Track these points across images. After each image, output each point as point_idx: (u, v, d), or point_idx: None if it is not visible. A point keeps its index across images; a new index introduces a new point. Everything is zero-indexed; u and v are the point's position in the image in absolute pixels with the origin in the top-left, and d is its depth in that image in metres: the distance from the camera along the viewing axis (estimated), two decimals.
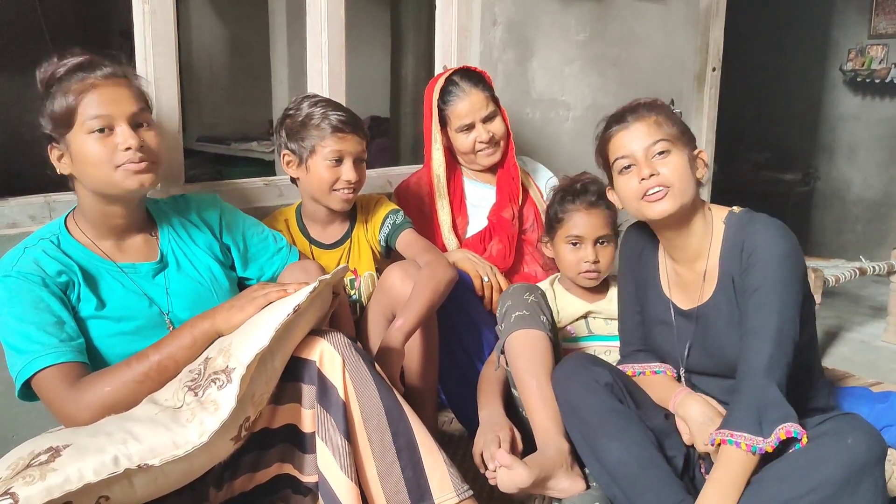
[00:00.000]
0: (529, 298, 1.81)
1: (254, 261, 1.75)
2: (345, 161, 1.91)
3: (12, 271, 1.40)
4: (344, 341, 1.41)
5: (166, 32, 1.93)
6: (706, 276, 1.64)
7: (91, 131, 1.43)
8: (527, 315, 1.77)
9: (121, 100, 1.45)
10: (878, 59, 4.98)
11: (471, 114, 2.19)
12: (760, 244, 1.54)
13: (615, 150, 1.63)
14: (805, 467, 1.37)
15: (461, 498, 1.42)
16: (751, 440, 1.41)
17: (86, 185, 1.48)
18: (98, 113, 1.42)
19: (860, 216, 5.24)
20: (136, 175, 1.45)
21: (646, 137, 1.59)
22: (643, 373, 1.75)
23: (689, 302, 1.69)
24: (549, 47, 2.84)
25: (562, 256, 2.03)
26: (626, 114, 1.64)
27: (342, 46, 2.31)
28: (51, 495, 1.10)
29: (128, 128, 1.44)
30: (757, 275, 1.52)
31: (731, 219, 1.64)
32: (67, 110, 1.42)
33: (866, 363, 3.07)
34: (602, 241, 1.99)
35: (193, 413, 1.24)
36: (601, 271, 2.00)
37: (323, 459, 1.38)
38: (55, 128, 1.45)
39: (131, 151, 1.44)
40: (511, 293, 1.85)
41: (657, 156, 1.58)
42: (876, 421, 1.97)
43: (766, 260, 1.52)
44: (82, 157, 1.44)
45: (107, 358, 1.44)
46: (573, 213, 1.99)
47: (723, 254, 1.61)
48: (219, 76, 5.07)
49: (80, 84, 1.43)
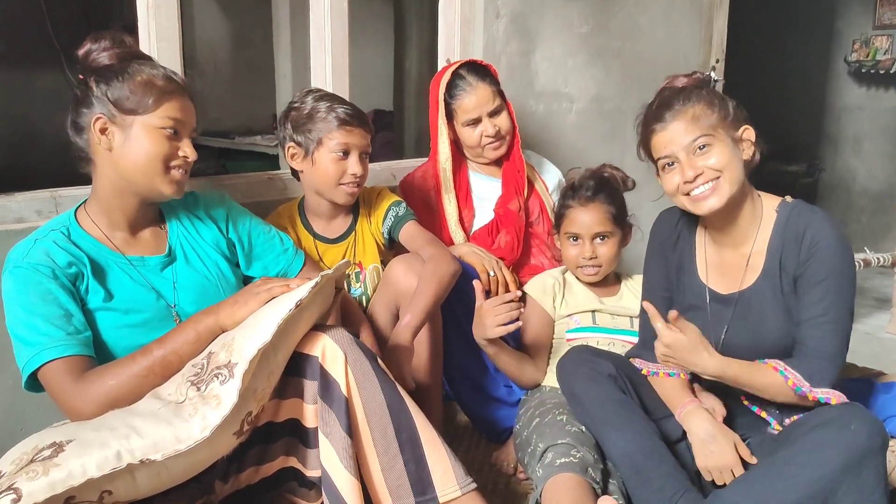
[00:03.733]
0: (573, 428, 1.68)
1: (258, 259, 1.76)
2: (351, 154, 1.91)
3: (23, 262, 1.41)
4: (346, 337, 1.42)
5: (170, 27, 1.93)
6: (750, 261, 1.66)
7: (164, 127, 1.48)
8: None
9: (191, 114, 1.55)
10: (883, 50, 4.96)
11: (477, 108, 2.18)
12: (825, 237, 1.57)
13: (657, 150, 1.64)
14: (809, 452, 1.40)
15: (464, 491, 1.42)
16: (799, 380, 1.49)
17: (118, 171, 1.49)
18: (178, 117, 1.50)
19: (865, 207, 5.23)
20: (177, 184, 1.53)
21: (685, 135, 1.58)
22: (657, 373, 1.73)
23: (728, 287, 1.69)
24: (553, 39, 2.83)
25: (564, 251, 2.05)
26: (663, 111, 1.62)
27: (345, 40, 2.31)
28: (54, 490, 1.11)
29: (189, 140, 1.53)
30: (822, 266, 1.56)
31: (785, 207, 1.65)
32: (148, 98, 1.46)
33: (871, 354, 3.06)
34: (601, 236, 1.99)
35: (196, 408, 1.24)
36: (601, 266, 2.00)
37: (325, 454, 1.38)
38: (121, 104, 1.46)
39: (185, 162, 1.52)
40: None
41: (699, 151, 1.58)
42: (880, 411, 1.97)
43: (833, 252, 1.56)
44: (140, 145, 1.47)
45: (114, 350, 1.45)
46: (570, 210, 2.01)
47: (773, 240, 1.63)
48: (222, 71, 5.07)
49: (167, 83, 1.50)
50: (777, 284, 1.62)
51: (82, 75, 1.51)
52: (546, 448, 1.62)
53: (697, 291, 1.73)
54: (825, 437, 1.40)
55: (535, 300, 2.04)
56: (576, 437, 1.64)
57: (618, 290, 2.09)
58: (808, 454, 1.40)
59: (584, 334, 1.99)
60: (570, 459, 1.56)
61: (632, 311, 2.02)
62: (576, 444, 1.61)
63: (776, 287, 1.62)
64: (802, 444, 1.43)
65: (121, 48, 1.51)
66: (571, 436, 1.64)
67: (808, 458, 1.40)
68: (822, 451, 1.38)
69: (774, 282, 1.62)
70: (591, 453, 1.60)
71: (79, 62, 1.51)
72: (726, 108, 1.62)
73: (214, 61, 5.07)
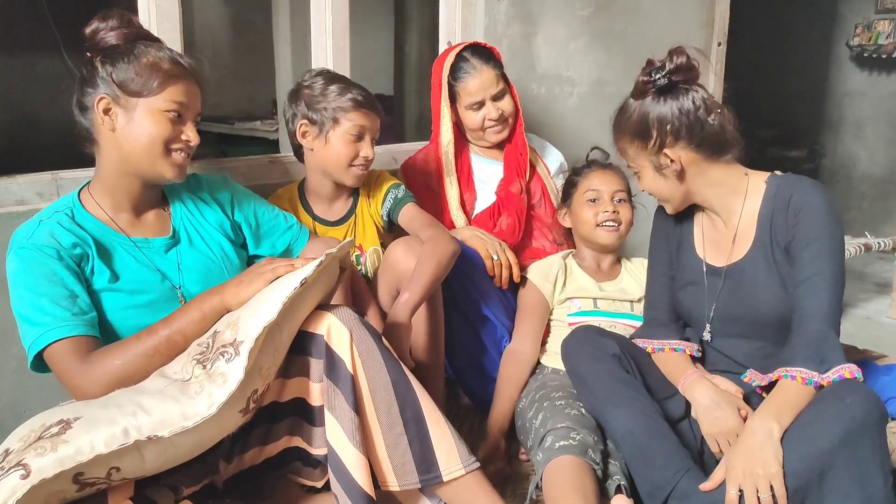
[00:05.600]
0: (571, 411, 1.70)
1: (266, 238, 1.76)
2: (365, 137, 1.92)
3: (27, 243, 1.41)
4: (351, 315, 1.42)
5: (170, 10, 1.93)
6: (740, 232, 1.68)
7: (168, 111, 1.47)
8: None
9: (196, 98, 1.54)
10: (885, 34, 4.94)
11: (481, 91, 2.18)
12: (811, 201, 1.58)
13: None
14: (806, 427, 1.41)
15: (468, 470, 1.43)
16: (807, 374, 1.47)
17: (121, 152, 1.49)
18: (182, 101, 1.49)
19: (866, 193, 5.23)
20: (178, 167, 1.52)
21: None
22: (662, 349, 1.75)
23: (723, 260, 1.72)
24: (555, 22, 2.82)
25: (580, 215, 2.06)
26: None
27: (346, 23, 2.30)
28: (62, 466, 1.12)
29: (192, 125, 1.53)
30: (810, 228, 1.57)
31: (774, 179, 1.67)
32: (152, 81, 1.46)
33: (871, 339, 3.08)
34: (620, 197, 2.03)
35: (202, 385, 1.24)
36: (621, 224, 2.03)
37: (332, 432, 1.39)
38: (125, 86, 1.46)
39: (188, 146, 1.52)
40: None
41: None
42: (881, 393, 1.98)
43: (819, 214, 1.57)
44: (143, 127, 1.47)
45: (119, 331, 1.45)
46: (589, 174, 2.06)
47: (763, 211, 1.65)
48: (222, 55, 5.05)
49: (173, 66, 1.49)
50: (769, 254, 1.63)
51: (89, 53, 1.51)
52: (546, 433, 1.64)
53: (696, 267, 1.76)
54: (822, 411, 1.41)
55: (534, 285, 2.05)
56: (575, 419, 1.65)
57: (618, 272, 2.10)
58: (805, 428, 1.41)
59: (585, 318, 2.00)
60: (569, 442, 1.58)
61: (632, 295, 2.03)
62: (575, 426, 1.62)
63: (768, 257, 1.64)
64: (800, 419, 1.43)
65: (129, 28, 1.51)
66: (570, 419, 1.65)
67: (804, 432, 1.40)
68: (818, 425, 1.39)
69: (766, 251, 1.64)
70: (590, 435, 1.62)
71: (85, 40, 1.51)
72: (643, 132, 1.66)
73: (214, 46, 5.05)
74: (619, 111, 1.71)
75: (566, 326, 1.99)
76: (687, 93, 1.62)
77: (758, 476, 1.39)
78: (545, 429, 1.65)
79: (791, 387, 1.48)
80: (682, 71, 1.61)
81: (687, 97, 1.61)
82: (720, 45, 3.35)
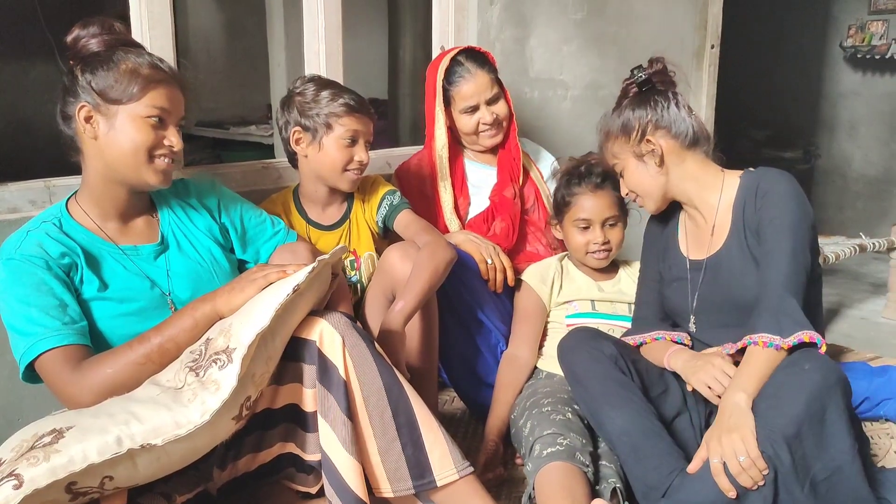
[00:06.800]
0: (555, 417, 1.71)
1: (251, 243, 1.76)
2: (358, 142, 1.92)
3: (15, 254, 1.41)
4: (343, 321, 1.42)
5: (162, 15, 1.92)
6: (717, 225, 1.75)
7: (149, 116, 1.46)
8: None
9: (179, 103, 1.53)
10: (879, 35, 4.94)
11: (476, 95, 2.18)
12: (775, 185, 1.66)
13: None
14: (770, 397, 1.46)
15: (462, 475, 1.43)
16: (768, 338, 1.52)
17: (105, 160, 1.48)
18: (164, 106, 1.48)
19: (861, 193, 5.23)
20: (162, 173, 1.51)
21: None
22: (644, 342, 1.82)
23: (703, 254, 1.78)
24: (548, 26, 2.82)
25: (571, 239, 2.06)
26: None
27: (339, 28, 2.30)
28: (55, 476, 1.11)
29: (175, 129, 1.51)
30: (772, 208, 1.64)
31: (747, 174, 1.76)
32: (132, 87, 1.45)
33: (866, 339, 3.07)
34: (611, 222, 2.01)
35: (195, 393, 1.24)
36: (611, 250, 2.03)
37: (325, 438, 1.39)
38: (105, 94, 1.45)
39: (171, 152, 1.51)
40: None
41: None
42: (875, 394, 1.99)
43: (781, 196, 1.64)
44: (125, 134, 1.46)
45: (110, 339, 1.45)
46: (580, 197, 2.02)
47: (736, 202, 1.72)
48: (216, 60, 5.04)
49: (153, 71, 1.48)
50: (743, 241, 1.70)
51: (71, 61, 1.50)
52: (534, 441, 1.65)
53: (680, 264, 1.82)
54: (783, 381, 1.47)
55: (531, 288, 2.05)
56: (561, 424, 1.66)
57: (615, 274, 2.10)
58: (769, 399, 1.46)
59: (583, 320, 2.00)
60: (556, 448, 1.59)
61: (630, 296, 2.03)
62: (562, 431, 1.63)
63: (742, 244, 1.70)
64: (764, 391, 1.49)
65: (110, 34, 1.50)
66: (556, 424, 1.66)
67: (770, 402, 1.46)
68: (782, 396, 1.44)
69: (740, 239, 1.70)
70: (578, 438, 1.62)
71: (67, 49, 1.50)
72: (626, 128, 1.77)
73: (208, 51, 5.04)
74: (603, 116, 1.85)
75: (564, 328, 1.99)
76: (664, 93, 1.78)
77: (733, 441, 1.43)
78: (533, 437, 1.66)
79: (755, 353, 1.54)
80: (660, 74, 1.79)
81: (664, 96, 1.77)
82: (713, 47, 3.35)
